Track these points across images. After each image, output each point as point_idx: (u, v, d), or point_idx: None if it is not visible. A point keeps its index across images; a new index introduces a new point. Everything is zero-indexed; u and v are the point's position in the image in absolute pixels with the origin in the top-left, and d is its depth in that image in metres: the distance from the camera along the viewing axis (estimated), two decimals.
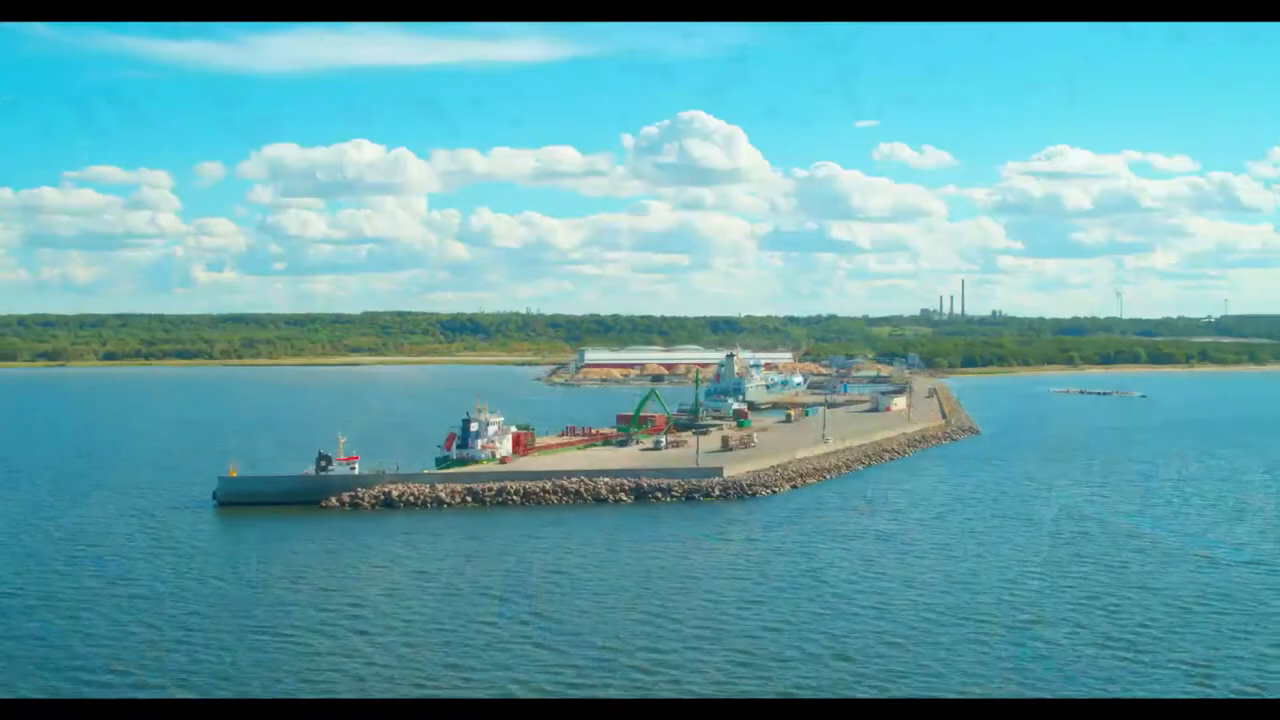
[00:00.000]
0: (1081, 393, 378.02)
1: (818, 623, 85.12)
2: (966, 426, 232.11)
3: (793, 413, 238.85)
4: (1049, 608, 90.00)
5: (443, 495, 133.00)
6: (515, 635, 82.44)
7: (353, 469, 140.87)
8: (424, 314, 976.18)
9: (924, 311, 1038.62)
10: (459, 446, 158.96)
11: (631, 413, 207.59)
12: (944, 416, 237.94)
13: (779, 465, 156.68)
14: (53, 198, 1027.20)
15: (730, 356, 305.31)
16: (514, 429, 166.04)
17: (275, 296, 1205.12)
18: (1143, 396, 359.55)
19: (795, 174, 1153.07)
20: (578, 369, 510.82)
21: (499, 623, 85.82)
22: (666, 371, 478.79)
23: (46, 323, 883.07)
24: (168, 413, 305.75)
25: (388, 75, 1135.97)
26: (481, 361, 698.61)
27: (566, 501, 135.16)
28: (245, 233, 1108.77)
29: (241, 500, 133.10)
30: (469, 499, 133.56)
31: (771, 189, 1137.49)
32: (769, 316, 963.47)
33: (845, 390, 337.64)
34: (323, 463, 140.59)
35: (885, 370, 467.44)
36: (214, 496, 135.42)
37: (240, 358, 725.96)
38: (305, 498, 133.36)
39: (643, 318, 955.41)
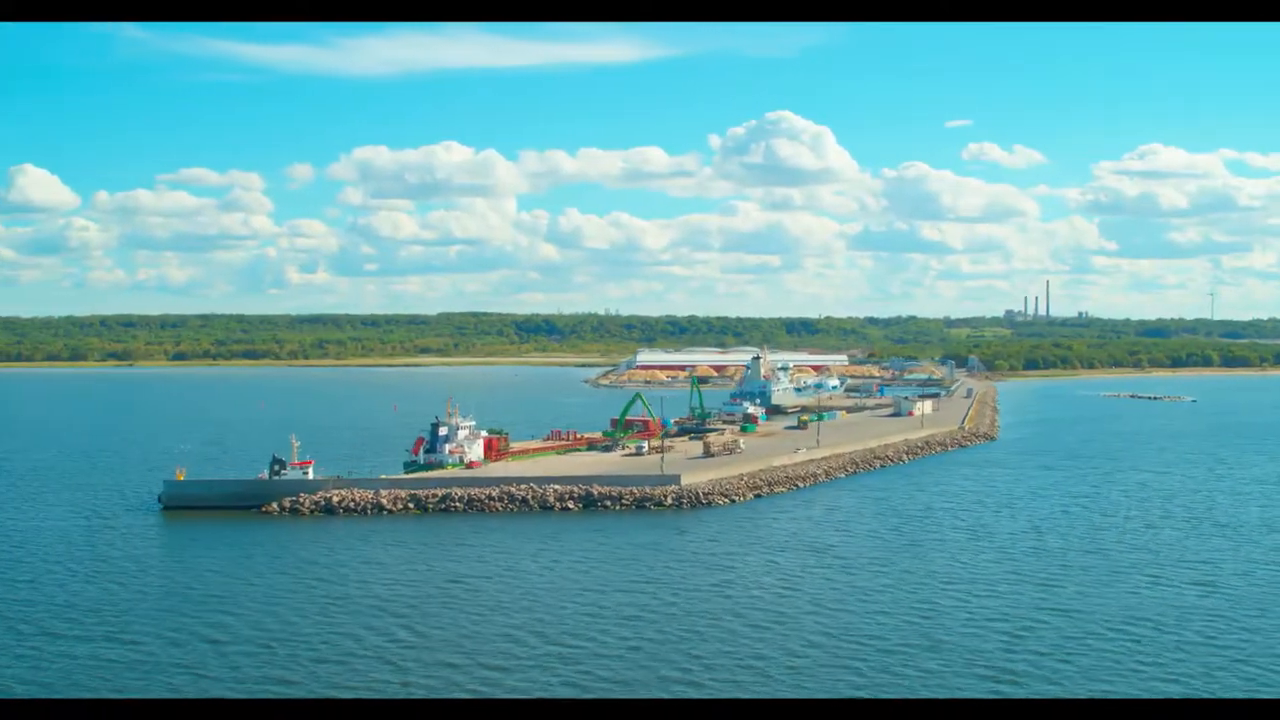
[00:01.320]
0: (1132, 396, 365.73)
1: (685, 641, 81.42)
2: (982, 433, 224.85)
3: (805, 417, 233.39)
4: (948, 630, 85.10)
5: (385, 502, 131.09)
6: (370, 646, 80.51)
7: (306, 474, 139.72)
8: (499, 315, 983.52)
9: (1008, 313, 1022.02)
10: (427, 451, 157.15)
11: (635, 417, 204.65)
12: (962, 423, 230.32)
13: (749, 473, 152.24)
14: (147, 200, 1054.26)
15: (756, 359, 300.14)
16: (484, 433, 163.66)
17: (367, 297, 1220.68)
18: (1194, 401, 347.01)
19: (884, 174, 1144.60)
20: (626, 370, 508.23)
21: (363, 633, 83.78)
22: (715, 373, 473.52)
23: (128, 323, 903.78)
24: (198, 413, 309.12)
25: (476, 77, 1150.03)
26: (547, 363, 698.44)
27: (513, 509, 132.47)
28: (337, 234, 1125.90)
29: (186, 504, 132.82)
30: (411, 505, 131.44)
31: (860, 189, 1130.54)
32: (849, 318, 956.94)
33: (882, 393, 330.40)
34: (276, 466, 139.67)
35: (939, 373, 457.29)
36: (159, 500, 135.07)
37: (308, 358, 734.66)
38: (248, 502, 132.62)
39: (718, 318, 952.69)
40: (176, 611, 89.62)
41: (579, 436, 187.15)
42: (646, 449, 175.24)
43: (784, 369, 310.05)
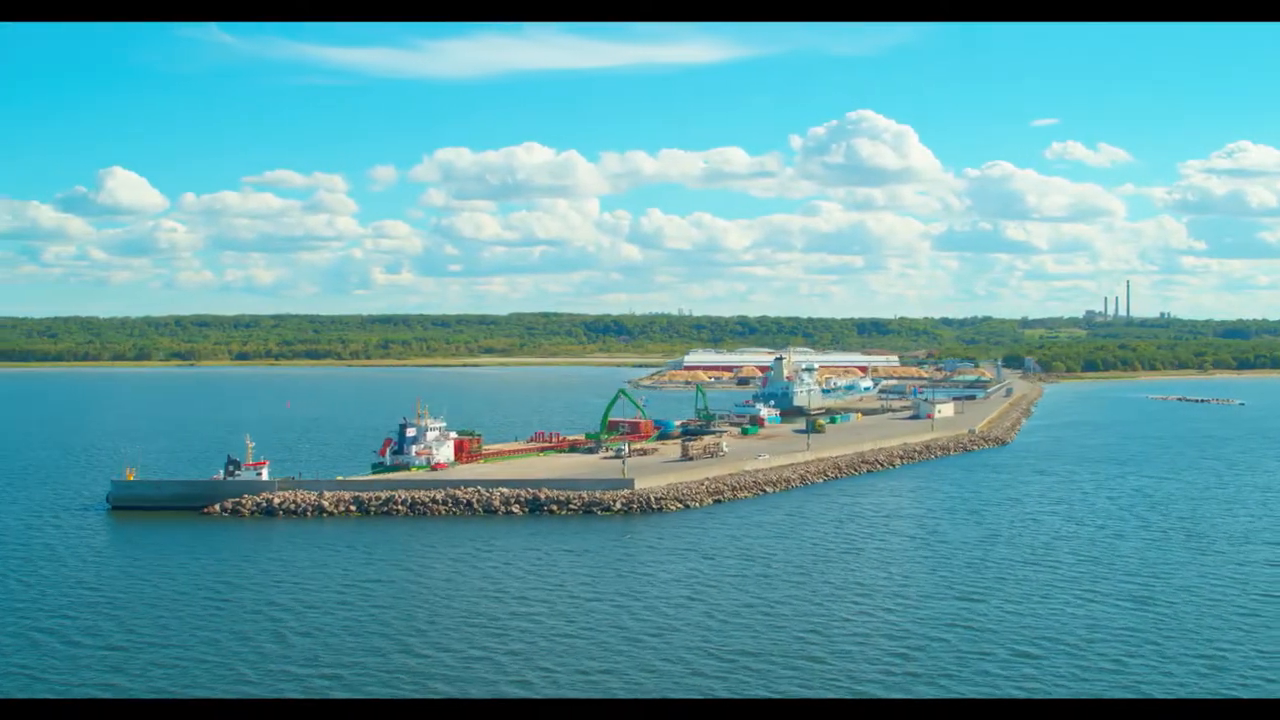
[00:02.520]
0: (1180, 400, 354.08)
1: (548, 651, 78.29)
2: (994, 437, 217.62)
3: (822, 421, 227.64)
4: (833, 646, 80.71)
5: (326, 504, 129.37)
6: (229, 647, 79.25)
7: (259, 474, 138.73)
8: (569, 315, 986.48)
9: (1088, 313, 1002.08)
10: (394, 452, 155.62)
11: (628, 418, 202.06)
12: (973, 428, 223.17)
13: (715, 477, 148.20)
14: (233, 201, 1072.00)
15: (779, 360, 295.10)
16: (454, 435, 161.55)
17: (451, 298, 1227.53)
18: (1241, 405, 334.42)
19: (967, 173, 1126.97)
20: (668, 371, 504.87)
21: (231, 635, 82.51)
22: (760, 374, 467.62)
23: (202, 323, 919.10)
24: (225, 412, 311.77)
25: (557, 78, 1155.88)
26: (609, 363, 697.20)
27: (456, 513, 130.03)
28: (420, 235, 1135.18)
29: (133, 504, 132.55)
30: (354, 508, 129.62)
31: (943, 189, 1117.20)
32: (924, 318, 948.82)
33: (915, 395, 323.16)
34: (231, 467, 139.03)
35: (988, 374, 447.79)
36: (107, 500, 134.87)
37: (369, 358, 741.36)
38: (195, 503, 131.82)
39: (789, 319, 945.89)
40: (58, 612, 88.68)
41: (563, 438, 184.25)
42: (627, 451, 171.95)
43: (809, 370, 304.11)
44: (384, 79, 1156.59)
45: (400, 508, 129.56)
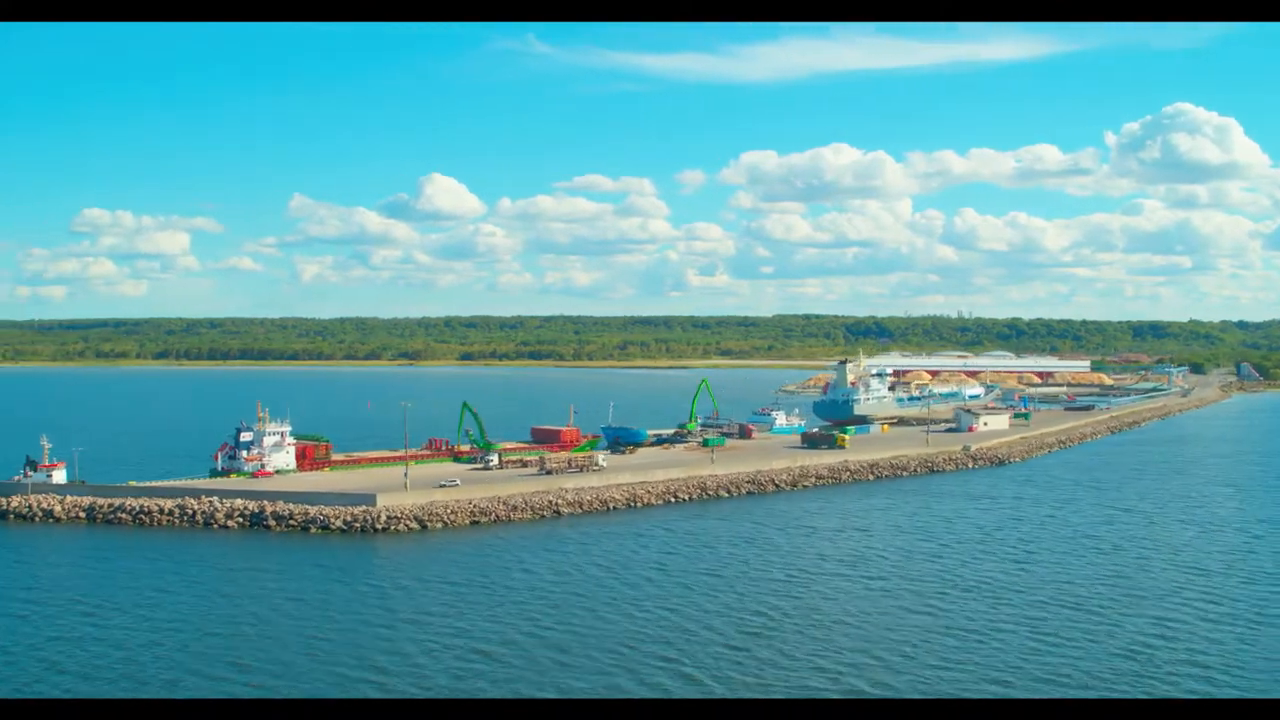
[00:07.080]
0: None
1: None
2: (990, 456, 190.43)
3: (843, 436, 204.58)
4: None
5: (57, 510, 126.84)
6: None
7: (49, 477, 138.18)
8: (830, 317, 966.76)
9: None
10: (228, 458, 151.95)
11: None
12: (967, 447, 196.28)
13: (498, 497, 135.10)
14: (547, 205, 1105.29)
15: (843, 364, 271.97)
16: (294, 441, 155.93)
17: (765, 299, 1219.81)
18: None
19: None
20: (814, 376, 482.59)
21: None
22: (930, 378, 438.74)
23: (470, 324, 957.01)
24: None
25: (862, 79, 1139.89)
26: (821, 366, 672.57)
27: (181, 525, 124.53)
28: (731, 237, 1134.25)
29: None
30: (82, 515, 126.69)
31: (1271, 184, 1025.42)
32: (1220, 322, 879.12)
33: (1025, 404, 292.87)
34: (27, 468, 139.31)
35: (1179, 381, 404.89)
36: None
37: (590, 359, 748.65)
38: None
39: (1061, 322, 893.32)
40: None
41: (455, 447, 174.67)
42: (496, 463, 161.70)
43: (879, 376, 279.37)
44: (691, 84, 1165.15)
45: (124, 516, 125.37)
